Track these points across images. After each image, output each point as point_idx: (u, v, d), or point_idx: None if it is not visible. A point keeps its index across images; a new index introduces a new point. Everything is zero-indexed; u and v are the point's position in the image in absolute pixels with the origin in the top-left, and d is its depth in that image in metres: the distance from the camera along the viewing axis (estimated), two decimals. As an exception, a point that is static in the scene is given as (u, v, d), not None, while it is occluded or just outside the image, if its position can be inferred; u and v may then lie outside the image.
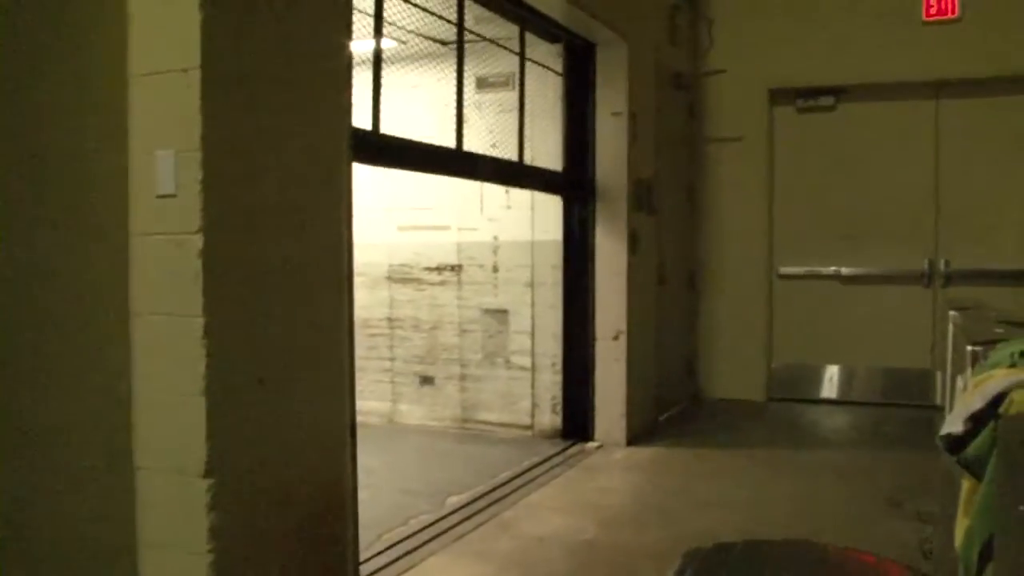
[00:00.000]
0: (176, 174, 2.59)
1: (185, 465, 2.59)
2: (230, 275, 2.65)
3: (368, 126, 3.88)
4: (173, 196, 2.60)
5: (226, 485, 2.61)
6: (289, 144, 2.88)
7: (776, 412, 7.12)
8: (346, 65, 3.16)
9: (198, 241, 2.56)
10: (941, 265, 6.98)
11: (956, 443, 1.85)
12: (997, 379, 1.72)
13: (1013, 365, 1.82)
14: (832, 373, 7.37)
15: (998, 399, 1.66)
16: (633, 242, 6.03)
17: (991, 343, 2.06)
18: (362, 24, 4.11)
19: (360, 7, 3.82)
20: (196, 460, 2.57)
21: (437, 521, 4.32)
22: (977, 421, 1.75)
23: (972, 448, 1.72)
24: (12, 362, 2.38)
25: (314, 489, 2.98)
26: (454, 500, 4.69)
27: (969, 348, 2.20)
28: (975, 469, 1.72)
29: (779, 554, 1.12)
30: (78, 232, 2.57)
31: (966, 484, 1.91)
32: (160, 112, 2.63)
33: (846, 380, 7.33)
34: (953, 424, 1.86)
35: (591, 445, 5.92)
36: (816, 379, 7.39)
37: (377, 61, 4.01)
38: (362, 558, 3.66)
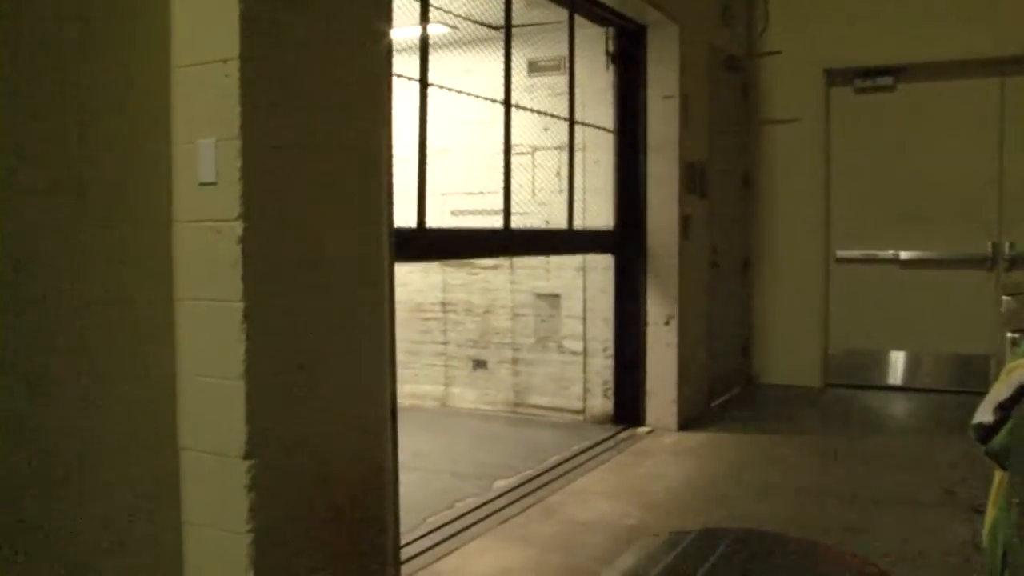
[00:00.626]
0: (217, 162, 2.65)
1: (226, 447, 2.65)
2: (270, 261, 2.70)
3: (413, 223, 3.97)
4: (214, 184, 2.66)
5: (265, 467, 2.67)
6: (328, 129, 2.92)
7: (833, 398, 7.01)
8: (386, 53, 3.18)
9: (237, 228, 2.61)
10: (1005, 248, 6.79)
11: (986, 433, 1.82)
12: (1024, 368, 1.68)
13: (1042, 353, 1.78)
14: (891, 359, 7.23)
15: (1022, 388, 1.62)
16: (685, 226, 5.98)
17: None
18: (406, 11, 4.14)
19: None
20: (236, 442, 2.63)
21: (483, 505, 4.36)
22: (1005, 410, 1.72)
23: (998, 438, 1.69)
24: (60, 347, 2.46)
25: (353, 472, 3.03)
26: (501, 484, 4.72)
27: (1008, 335, 2.16)
28: (1001, 459, 1.69)
29: (733, 540, 1.12)
30: (124, 220, 2.64)
31: (997, 474, 1.87)
32: (202, 102, 2.68)
33: (905, 366, 7.19)
34: (983, 413, 1.82)
35: (642, 430, 5.91)
36: (874, 365, 7.26)
37: (422, 157, 4.08)
38: (406, 541, 3.72)
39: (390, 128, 3.20)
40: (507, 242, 4.96)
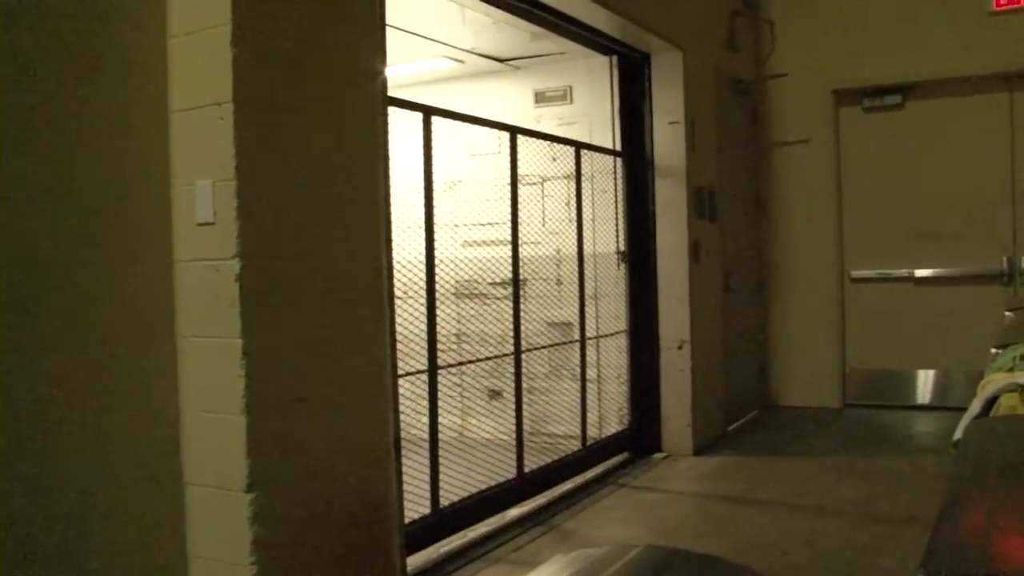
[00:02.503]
0: (214, 203, 2.72)
1: (228, 481, 2.70)
2: (268, 298, 2.76)
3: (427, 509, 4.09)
4: (212, 224, 2.73)
5: (268, 500, 2.71)
6: (323, 169, 2.99)
7: (851, 418, 6.97)
8: (381, 90, 3.25)
9: (235, 266, 2.68)
10: (1021, 263, 6.75)
11: (964, 449, 1.83)
12: (994, 383, 1.70)
13: (1011, 369, 1.79)
14: (909, 378, 7.18)
15: (990, 403, 1.64)
16: (695, 250, 6.00)
17: (1005, 346, 2.03)
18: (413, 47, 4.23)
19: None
20: (238, 476, 2.68)
21: (495, 532, 4.37)
22: (977, 426, 1.74)
23: (968, 454, 1.70)
24: (68, 384, 2.53)
25: (357, 504, 3.07)
26: (515, 512, 4.73)
27: (992, 350, 2.17)
28: (973, 475, 1.71)
29: (637, 554, 1.13)
30: (127, 260, 2.71)
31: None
32: (198, 144, 2.76)
33: (924, 384, 7.14)
34: (960, 430, 1.84)
35: (658, 456, 5.90)
36: (893, 384, 7.21)
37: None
38: (415, 570, 3.74)
39: (387, 162, 3.27)
40: (521, 488, 4.93)
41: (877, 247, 7.22)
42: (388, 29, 3.37)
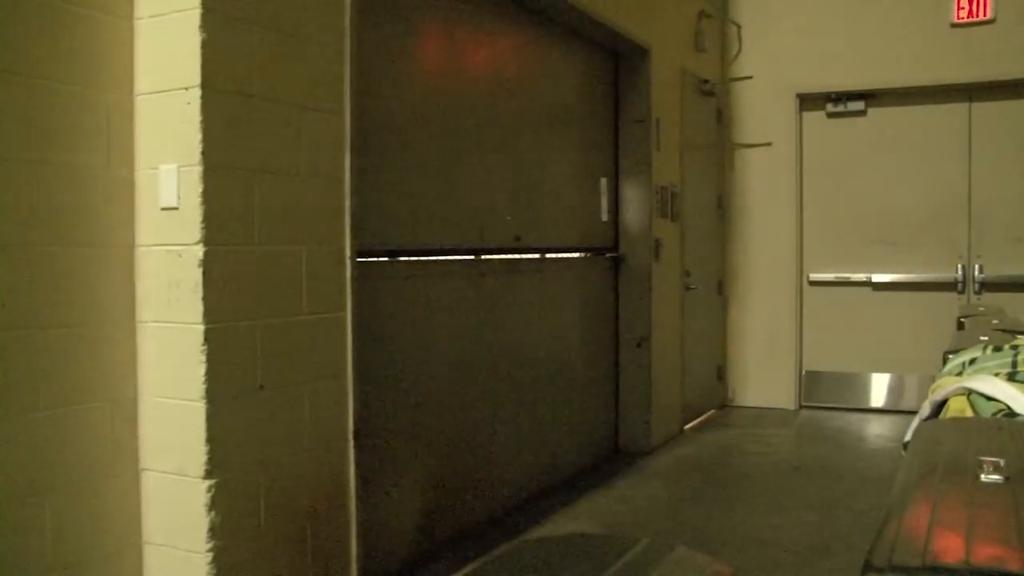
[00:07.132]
0: (178, 187, 2.70)
1: (186, 467, 2.69)
2: (230, 284, 2.75)
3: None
4: (175, 209, 2.71)
5: (226, 487, 2.71)
6: (290, 157, 2.98)
7: (805, 420, 7.08)
8: (346, 85, 3.24)
9: (198, 252, 2.67)
10: (975, 271, 6.89)
11: (914, 450, 1.88)
12: (944, 387, 1.75)
13: (960, 373, 1.84)
14: (864, 381, 7.30)
15: (940, 406, 1.69)
16: (656, 249, 6.05)
17: (956, 352, 2.08)
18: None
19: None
20: (196, 462, 2.67)
21: (451, 525, 4.39)
22: (927, 428, 1.78)
23: (917, 455, 1.75)
24: (23, 368, 2.50)
25: (315, 492, 3.07)
26: (471, 505, 4.75)
27: (944, 355, 2.23)
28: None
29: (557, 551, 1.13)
30: (87, 243, 2.68)
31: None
32: (164, 128, 2.74)
33: (878, 388, 7.26)
34: (910, 432, 1.89)
35: (614, 453, 5.95)
36: (848, 387, 7.33)
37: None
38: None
39: (354, 152, 3.26)
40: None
41: (836, 251, 7.33)
42: (358, 19, 3.36)
